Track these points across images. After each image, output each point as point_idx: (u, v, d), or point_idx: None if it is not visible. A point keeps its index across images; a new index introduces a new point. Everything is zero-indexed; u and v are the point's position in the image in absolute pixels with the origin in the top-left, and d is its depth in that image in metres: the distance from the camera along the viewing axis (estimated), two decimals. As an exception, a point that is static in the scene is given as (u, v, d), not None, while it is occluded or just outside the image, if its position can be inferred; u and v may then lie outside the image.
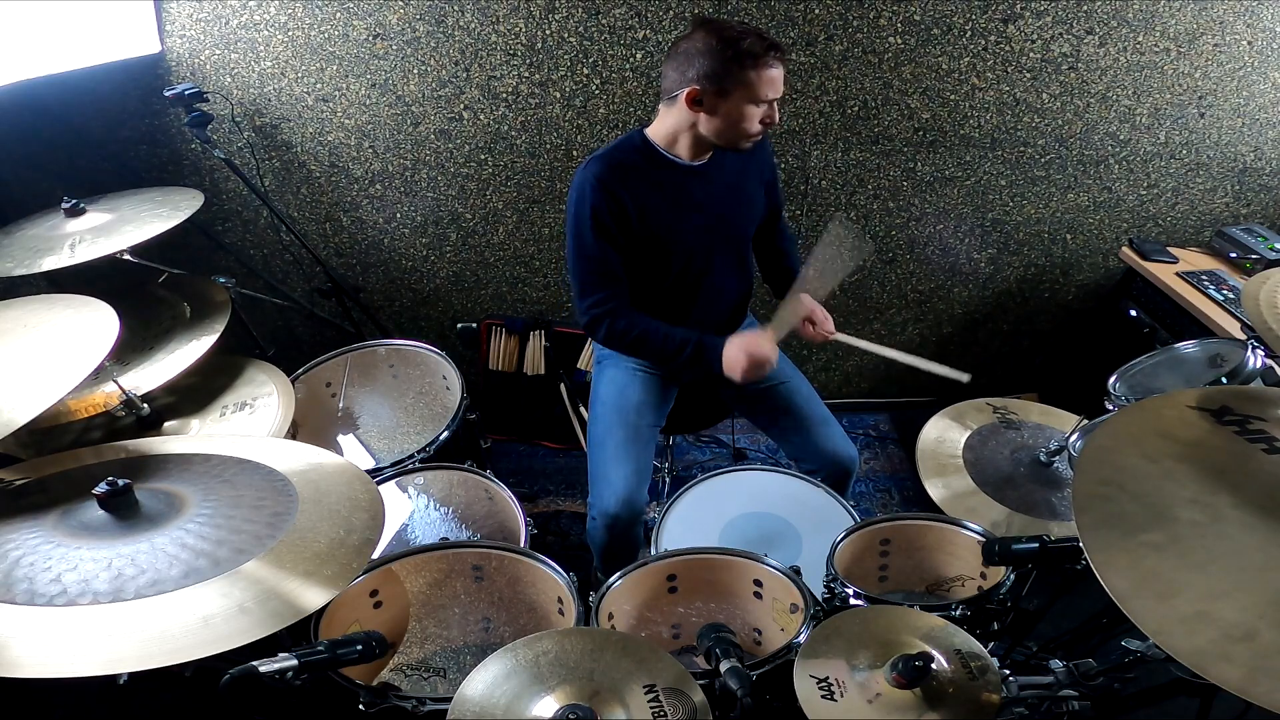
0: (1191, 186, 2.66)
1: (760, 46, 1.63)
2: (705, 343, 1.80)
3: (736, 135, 1.72)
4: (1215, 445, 1.07)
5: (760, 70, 1.64)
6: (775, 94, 1.69)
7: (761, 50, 1.63)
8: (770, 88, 1.67)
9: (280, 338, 2.75)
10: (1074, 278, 2.86)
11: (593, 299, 1.81)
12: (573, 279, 1.83)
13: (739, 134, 1.71)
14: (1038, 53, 2.41)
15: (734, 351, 1.76)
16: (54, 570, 1.03)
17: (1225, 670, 0.80)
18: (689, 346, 1.80)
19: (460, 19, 2.32)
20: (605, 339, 1.84)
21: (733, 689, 1.12)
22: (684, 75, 1.67)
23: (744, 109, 1.68)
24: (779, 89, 1.69)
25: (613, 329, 1.81)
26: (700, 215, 1.82)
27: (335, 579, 1.10)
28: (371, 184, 2.58)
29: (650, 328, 1.81)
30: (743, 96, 1.66)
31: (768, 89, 1.66)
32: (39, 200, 1.94)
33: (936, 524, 1.60)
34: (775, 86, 1.68)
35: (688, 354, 1.80)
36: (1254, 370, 1.59)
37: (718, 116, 1.69)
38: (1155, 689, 1.33)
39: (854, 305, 2.91)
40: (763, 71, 1.64)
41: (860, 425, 3.05)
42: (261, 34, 2.31)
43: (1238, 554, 0.91)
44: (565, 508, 2.67)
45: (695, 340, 1.80)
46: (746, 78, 1.64)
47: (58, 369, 1.27)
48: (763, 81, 1.65)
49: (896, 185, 2.64)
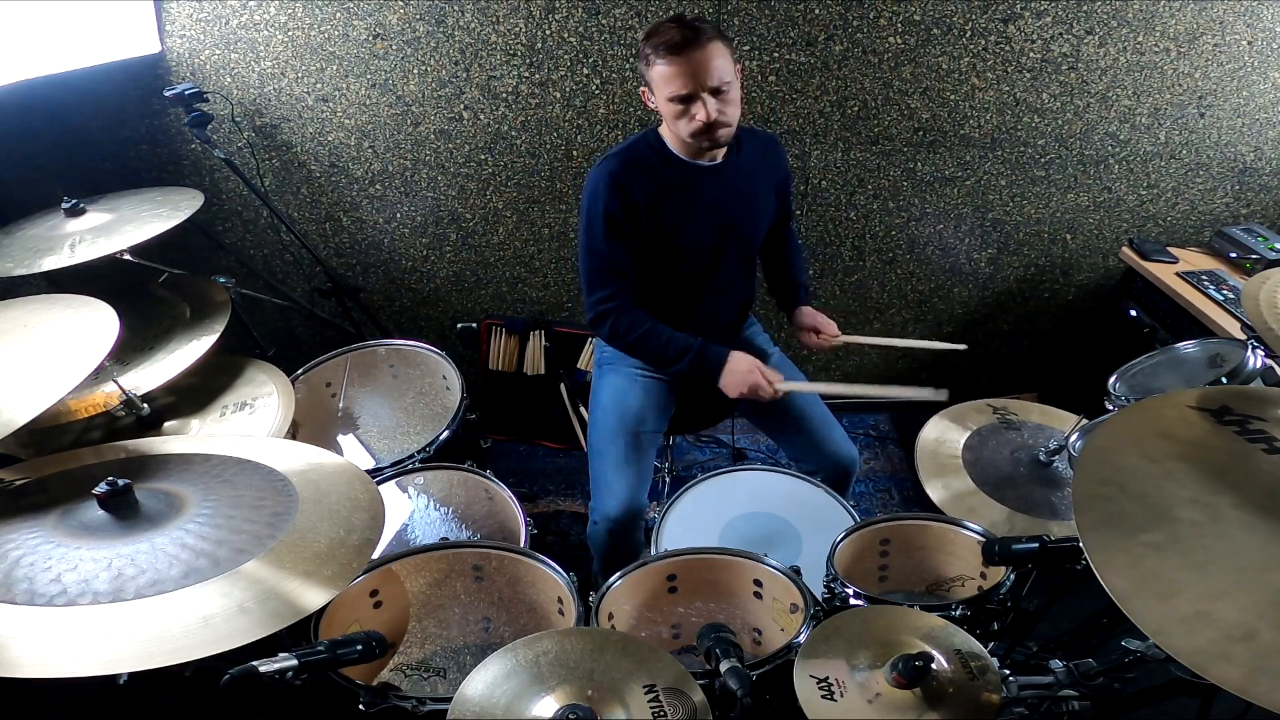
0: (1191, 186, 2.66)
1: (660, 40, 1.59)
2: (707, 352, 1.78)
3: (680, 132, 1.69)
4: (1215, 445, 1.07)
5: (656, 64, 1.61)
6: (677, 91, 1.60)
7: (654, 47, 1.60)
8: (669, 83, 1.61)
9: (280, 338, 2.75)
10: (1074, 278, 2.86)
11: (600, 294, 1.81)
12: (582, 274, 1.84)
13: (680, 131, 1.69)
14: (1038, 53, 2.41)
15: (738, 377, 1.75)
16: (54, 570, 1.03)
17: (1225, 670, 0.80)
18: (690, 354, 1.78)
19: (460, 19, 2.32)
20: (609, 336, 1.84)
21: (733, 689, 1.12)
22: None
23: (665, 107, 1.66)
24: (686, 85, 1.60)
25: (617, 326, 1.81)
26: (711, 215, 1.82)
27: (335, 579, 1.10)
28: (371, 184, 2.58)
29: (654, 329, 1.80)
30: (658, 93, 1.65)
31: (667, 85, 1.61)
32: (39, 200, 1.94)
33: (936, 524, 1.60)
34: (674, 83, 1.60)
35: (688, 361, 1.78)
36: (1254, 370, 1.59)
37: (662, 114, 1.69)
38: (1155, 689, 1.33)
39: (854, 305, 2.91)
40: (658, 64, 1.61)
41: (860, 425, 3.05)
42: (261, 34, 2.32)
43: (1238, 554, 0.91)
44: (565, 508, 2.67)
45: (697, 348, 1.78)
46: (652, 73, 1.63)
47: (58, 369, 1.27)
48: (659, 77, 1.62)
49: (896, 185, 2.64)
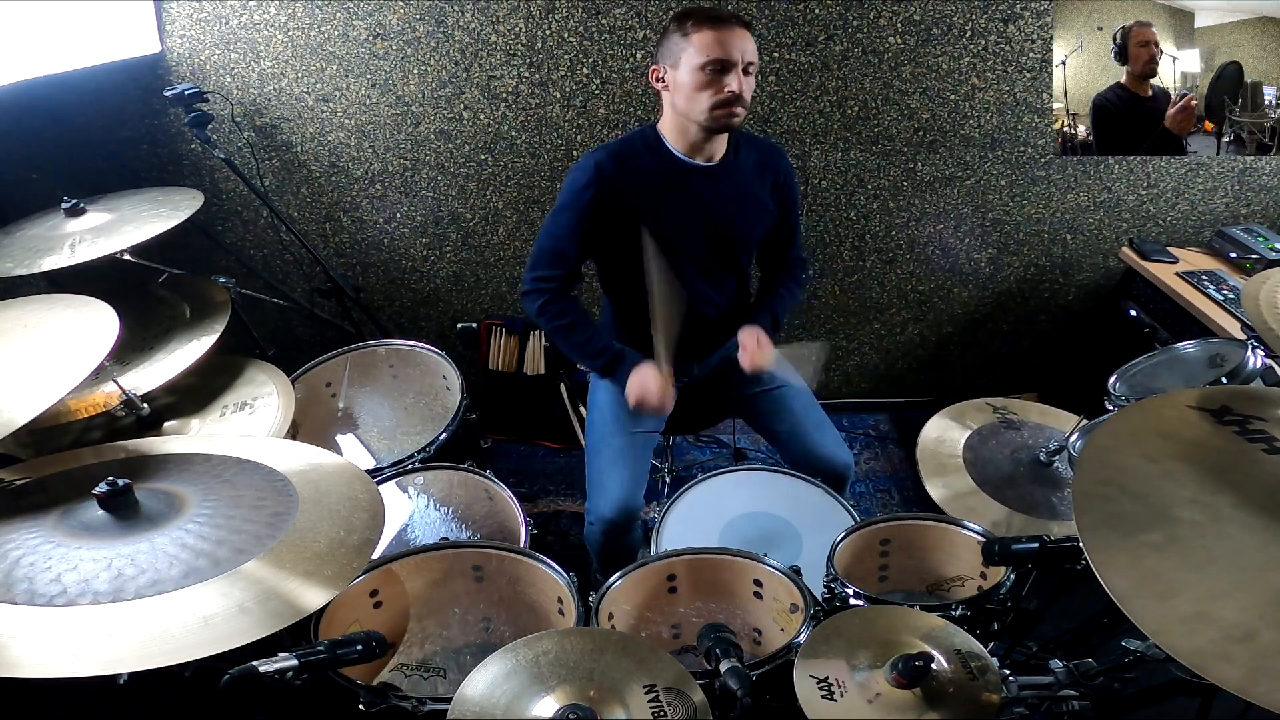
0: (1191, 186, 2.66)
1: (700, 13, 1.64)
2: (624, 355, 1.83)
3: (694, 108, 1.69)
4: (1215, 445, 1.07)
5: (695, 32, 1.64)
6: (717, 55, 1.63)
7: (700, 14, 1.64)
8: (708, 49, 1.63)
9: (280, 338, 2.75)
10: (1074, 278, 2.86)
11: (542, 273, 1.83)
12: (535, 246, 1.85)
13: (695, 107, 1.69)
14: (1037, 53, 2.41)
15: (635, 381, 1.79)
16: (54, 570, 1.03)
17: (1225, 670, 0.80)
18: (606, 355, 1.83)
19: (460, 19, 2.32)
20: (537, 313, 1.86)
21: (733, 689, 1.12)
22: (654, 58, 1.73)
23: (693, 76, 1.66)
24: (725, 52, 1.63)
25: (547, 307, 1.84)
26: (701, 217, 1.81)
27: (335, 579, 1.10)
28: (371, 184, 2.58)
29: (581, 322, 1.85)
30: (688, 63, 1.66)
31: (706, 50, 1.63)
32: (39, 200, 1.94)
33: (936, 524, 1.60)
34: (714, 49, 1.63)
35: (603, 362, 1.84)
36: (1254, 370, 1.59)
37: (677, 91, 1.70)
38: (1155, 689, 1.33)
39: (854, 305, 2.91)
40: (697, 32, 1.64)
41: (860, 425, 3.05)
42: (261, 34, 2.32)
43: (1238, 554, 0.91)
44: (565, 508, 2.67)
45: (614, 352, 1.83)
46: (688, 42, 1.65)
47: (58, 369, 1.27)
48: (699, 43, 1.64)
49: (896, 185, 2.64)
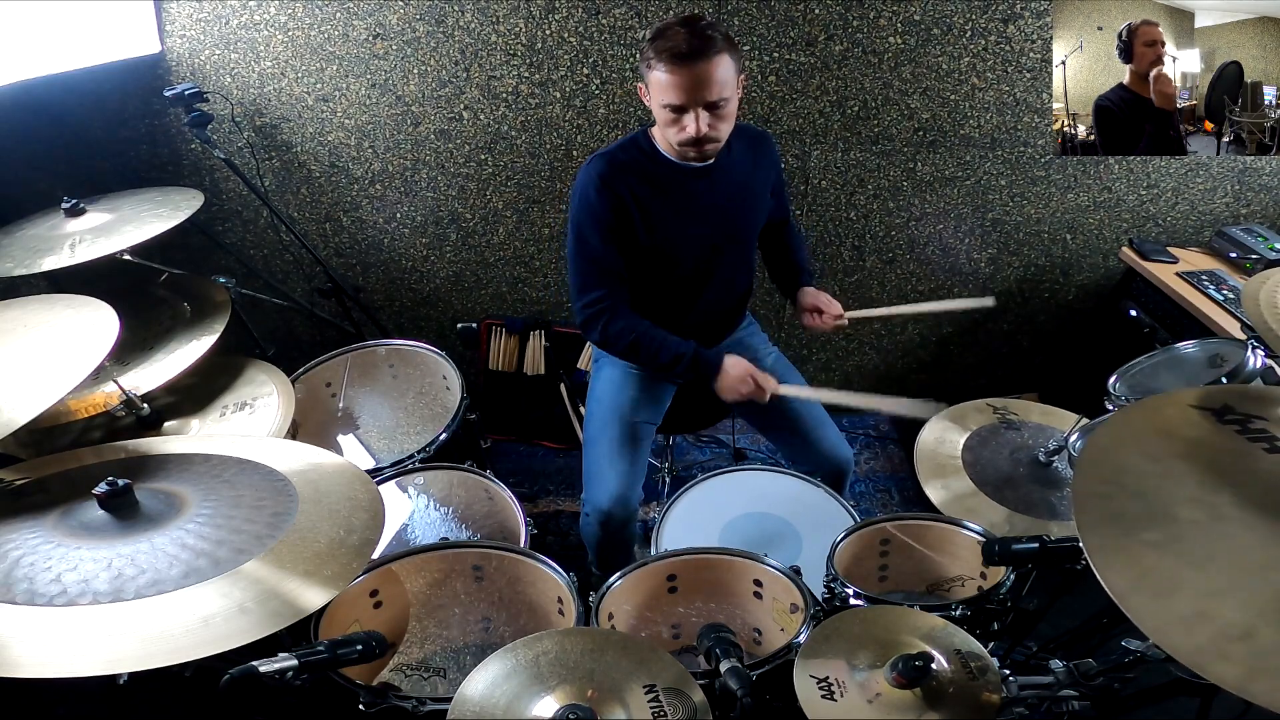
0: (1191, 186, 2.66)
1: (663, 45, 1.52)
2: (701, 356, 1.76)
3: (667, 136, 1.64)
4: (1216, 444, 1.07)
5: (655, 69, 1.54)
6: (671, 100, 1.54)
7: (658, 52, 1.52)
8: (664, 92, 1.54)
9: (280, 338, 2.75)
10: (1074, 278, 2.86)
11: (590, 297, 1.76)
12: (571, 276, 1.79)
13: (668, 136, 1.64)
14: (1037, 53, 2.40)
15: (733, 381, 1.73)
16: (54, 570, 1.03)
17: (1224, 669, 0.80)
18: (685, 359, 1.76)
19: (460, 19, 2.32)
20: (600, 340, 1.80)
21: (733, 689, 1.12)
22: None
23: (659, 111, 1.61)
24: (679, 97, 1.54)
25: (608, 330, 1.77)
26: (704, 219, 1.80)
27: (335, 579, 1.10)
28: (371, 184, 2.58)
29: (647, 332, 1.77)
30: (653, 95, 1.60)
31: (662, 93, 1.55)
32: (39, 200, 1.94)
33: (936, 524, 1.60)
34: (670, 93, 1.53)
35: (684, 366, 1.76)
36: (1254, 370, 1.59)
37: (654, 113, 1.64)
38: (1155, 689, 1.33)
39: (854, 305, 2.88)
40: (657, 69, 1.54)
41: (860, 425, 3.05)
42: (261, 34, 2.32)
43: (1237, 553, 0.91)
44: (565, 508, 2.67)
45: (691, 353, 1.76)
46: (651, 73, 1.57)
47: (58, 369, 1.27)
48: (655, 82, 1.56)
49: (896, 185, 2.64)
